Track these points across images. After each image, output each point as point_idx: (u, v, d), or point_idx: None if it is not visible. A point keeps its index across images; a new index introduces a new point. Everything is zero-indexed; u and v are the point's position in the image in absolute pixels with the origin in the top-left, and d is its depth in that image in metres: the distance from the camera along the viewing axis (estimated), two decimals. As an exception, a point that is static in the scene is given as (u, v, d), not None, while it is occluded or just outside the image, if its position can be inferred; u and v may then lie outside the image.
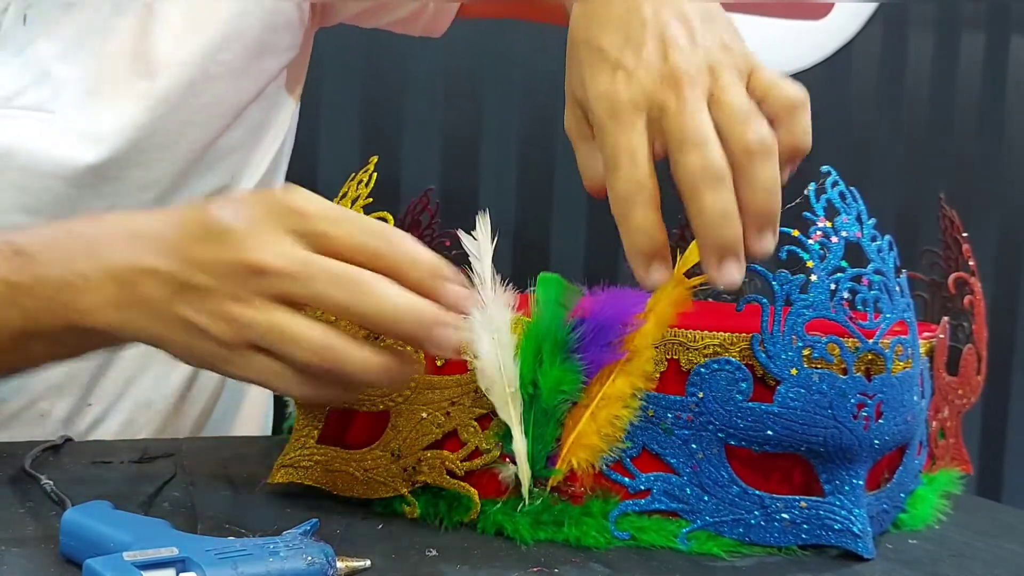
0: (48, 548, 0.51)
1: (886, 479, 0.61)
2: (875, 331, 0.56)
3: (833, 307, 0.55)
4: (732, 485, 0.56)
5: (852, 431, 0.55)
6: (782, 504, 0.56)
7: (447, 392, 0.58)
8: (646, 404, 0.56)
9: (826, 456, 0.56)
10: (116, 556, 0.44)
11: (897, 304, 0.58)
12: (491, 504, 0.57)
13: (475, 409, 0.58)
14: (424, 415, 0.58)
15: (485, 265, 0.57)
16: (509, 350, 0.56)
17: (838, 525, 0.56)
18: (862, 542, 0.56)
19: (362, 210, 0.60)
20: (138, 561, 0.44)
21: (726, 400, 0.55)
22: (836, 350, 0.55)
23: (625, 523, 0.56)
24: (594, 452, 0.56)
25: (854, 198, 0.58)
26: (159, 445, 0.74)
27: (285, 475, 0.62)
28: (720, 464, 0.56)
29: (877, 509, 0.59)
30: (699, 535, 0.56)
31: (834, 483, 0.56)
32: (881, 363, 0.57)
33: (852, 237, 0.57)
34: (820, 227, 0.56)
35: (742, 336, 0.56)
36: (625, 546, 0.56)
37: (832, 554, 0.56)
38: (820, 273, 0.55)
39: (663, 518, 0.57)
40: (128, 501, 0.59)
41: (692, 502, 0.56)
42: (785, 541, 0.56)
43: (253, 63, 0.83)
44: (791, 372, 0.55)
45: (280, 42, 0.85)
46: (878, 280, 0.57)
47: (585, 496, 0.57)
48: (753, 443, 0.56)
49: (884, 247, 0.58)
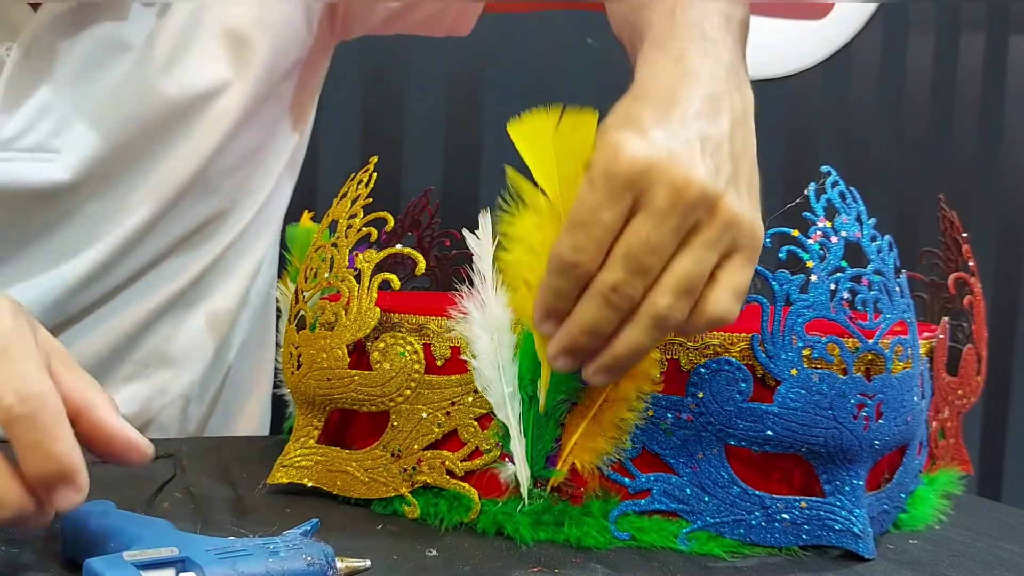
0: (50, 549, 0.51)
1: (886, 479, 0.61)
2: (875, 331, 0.56)
3: (833, 307, 0.55)
4: (732, 485, 0.56)
5: (852, 431, 0.55)
6: (782, 504, 0.56)
7: (447, 392, 0.58)
8: (646, 404, 0.56)
9: (826, 456, 0.56)
10: (116, 556, 0.44)
11: (897, 304, 0.58)
12: (491, 504, 0.57)
13: (475, 409, 0.58)
14: (424, 415, 0.58)
15: (486, 264, 0.57)
16: (508, 350, 0.56)
17: (839, 526, 0.56)
18: (863, 543, 0.56)
19: (362, 210, 0.61)
20: (138, 561, 0.44)
21: (726, 400, 0.55)
22: (836, 350, 0.55)
23: (625, 523, 0.56)
24: (599, 454, 0.56)
25: (854, 198, 0.58)
26: (159, 445, 0.74)
27: (285, 475, 0.62)
28: (720, 464, 0.56)
29: (877, 509, 0.59)
30: (699, 535, 0.56)
31: (834, 483, 0.56)
32: (881, 363, 0.57)
33: (852, 237, 0.57)
34: (820, 227, 0.56)
35: (742, 336, 0.56)
36: (625, 546, 0.56)
37: (833, 555, 0.56)
38: (820, 273, 0.55)
39: (663, 518, 0.57)
40: (129, 501, 0.59)
41: (692, 502, 0.56)
42: (786, 542, 0.56)
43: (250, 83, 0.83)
44: (791, 372, 0.55)
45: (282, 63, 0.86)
46: (878, 280, 0.57)
47: (585, 496, 0.57)
48: (753, 443, 0.56)
49: (884, 247, 0.58)
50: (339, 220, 0.61)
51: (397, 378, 0.58)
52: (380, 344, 0.59)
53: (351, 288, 0.59)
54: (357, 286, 0.59)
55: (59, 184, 0.76)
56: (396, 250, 0.61)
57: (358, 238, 0.60)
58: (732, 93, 0.53)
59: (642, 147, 0.48)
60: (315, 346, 0.60)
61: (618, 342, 0.50)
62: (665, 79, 0.53)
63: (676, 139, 0.49)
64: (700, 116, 0.51)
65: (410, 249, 0.61)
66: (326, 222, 0.64)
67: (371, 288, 0.59)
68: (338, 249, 0.61)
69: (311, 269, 0.63)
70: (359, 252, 0.60)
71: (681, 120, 0.50)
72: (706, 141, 0.50)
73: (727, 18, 0.59)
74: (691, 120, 0.50)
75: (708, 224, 0.49)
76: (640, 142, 0.48)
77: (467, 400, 0.58)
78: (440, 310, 0.59)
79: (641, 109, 0.50)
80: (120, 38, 0.77)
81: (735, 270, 0.50)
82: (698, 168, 0.48)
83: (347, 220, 0.61)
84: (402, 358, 0.58)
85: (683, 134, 0.49)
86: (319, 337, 0.60)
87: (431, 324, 0.59)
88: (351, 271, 0.60)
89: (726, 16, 0.59)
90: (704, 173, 0.48)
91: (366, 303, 0.59)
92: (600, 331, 0.50)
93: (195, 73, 0.80)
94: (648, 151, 0.48)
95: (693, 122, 0.50)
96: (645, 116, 0.50)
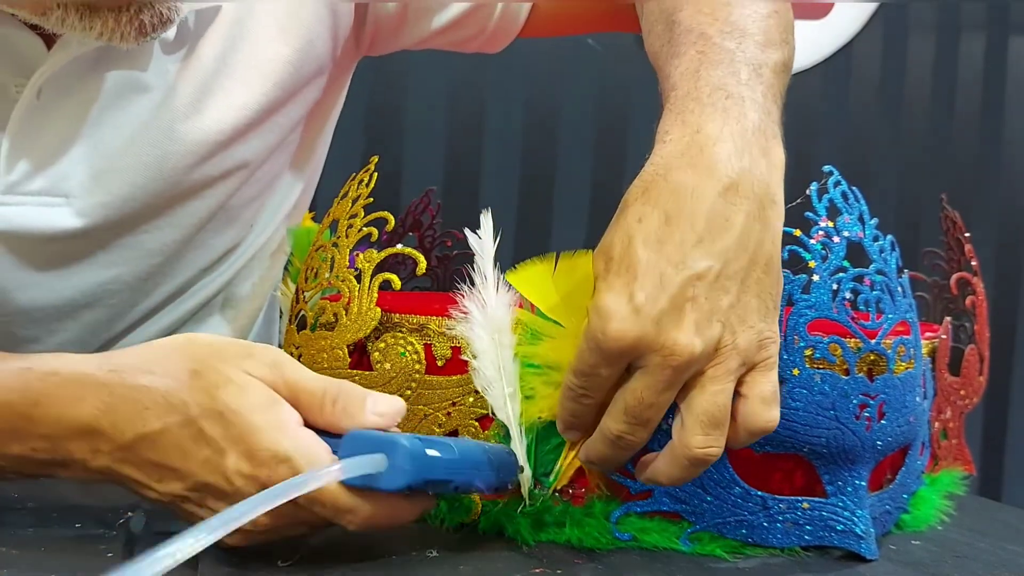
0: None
1: (889, 480, 0.61)
2: (877, 331, 0.56)
3: (835, 307, 0.55)
4: (734, 486, 0.56)
5: (854, 432, 0.55)
6: (784, 505, 0.56)
7: (448, 392, 0.58)
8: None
9: (828, 457, 0.56)
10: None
11: (899, 304, 0.58)
12: (492, 505, 0.57)
13: (476, 409, 0.58)
14: (425, 415, 0.58)
15: (488, 264, 0.57)
16: (509, 350, 0.56)
17: (841, 526, 0.56)
18: (865, 543, 0.55)
19: (363, 210, 0.60)
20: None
21: (728, 401, 0.55)
22: (838, 350, 0.55)
23: (627, 524, 0.56)
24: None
25: (856, 198, 0.58)
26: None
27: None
28: (722, 465, 0.56)
29: (880, 510, 0.59)
30: (701, 536, 0.56)
31: (836, 484, 0.56)
32: (883, 363, 0.56)
33: (854, 237, 0.57)
34: (822, 227, 0.56)
35: (744, 336, 0.56)
36: (627, 547, 0.56)
37: (835, 555, 0.56)
38: (822, 273, 0.55)
39: (665, 519, 0.56)
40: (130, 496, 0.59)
41: (694, 503, 0.56)
42: (788, 542, 0.56)
43: (275, 117, 0.79)
44: (793, 372, 0.55)
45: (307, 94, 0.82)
46: (880, 280, 0.57)
47: (587, 497, 0.57)
48: (755, 444, 0.55)
49: (886, 247, 0.58)
50: (340, 220, 0.61)
51: (398, 378, 0.58)
52: (381, 344, 0.59)
53: (352, 288, 0.59)
54: (358, 286, 0.59)
55: (69, 231, 0.72)
56: (397, 250, 0.61)
57: (359, 238, 0.60)
58: (753, 168, 0.53)
59: (628, 322, 0.49)
60: (316, 346, 0.60)
61: (659, 474, 0.53)
62: (677, 175, 0.52)
63: (664, 295, 0.50)
64: (701, 243, 0.51)
65: (411, 249, 0.61)
66: (327, 222, 0.64)
67: (372, 288, 0.59)
68: (339, 249, 0.60)
69: (312, 269, 0.63)
70: (360, 252, 0.60)
71: (677, 260, 0.50)
72: (700, 281, 0.50)
73: (756, 67, 0.57)
74: (688, 254, 0.50)
75: (713, 363, 0.51)
76: (626, 315, 0.50)
77: (468, 400, 0.58)
78: (441, 310, 0.59)
79: (634, 249, 0.51)
80: (139, 80, 0.72)
81: (758, 381, 0.52)
82: (685, 332, 0.49)
83: (348, 220, 0.61)
84: (403, 358, 0.58)
85: (674, 283, 0.50)
86: (320, 337, 0.60)
87: (432, 324, 0.59)
88: (352, 271, 0.59)
89: (755, 66, 0.57)
90: (692, 335, 0.49)
91: (367, 303, 0.59)
92: (612, 461, 0.54)
93: (220, 117, 0.75)
94: (634, 327, 0.49)
95: (690, 257, 0.50)
96: (637, 266, 0.50)
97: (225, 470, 0.49)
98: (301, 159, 0.87)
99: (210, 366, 0.50)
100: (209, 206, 0.78)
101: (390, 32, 0.86)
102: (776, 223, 0.53)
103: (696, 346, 0.49)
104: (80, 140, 0.72)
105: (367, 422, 0.51)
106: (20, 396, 0.50)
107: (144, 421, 0.49)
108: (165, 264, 0.78)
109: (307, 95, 0.81)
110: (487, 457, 0.53)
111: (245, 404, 0.49)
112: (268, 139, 0.79)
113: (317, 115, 0.87)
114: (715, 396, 0.51)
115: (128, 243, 0.76)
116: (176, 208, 0.76)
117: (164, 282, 0.79)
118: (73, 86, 0.71)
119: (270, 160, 0.81)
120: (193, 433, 0.49)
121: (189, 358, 0.51)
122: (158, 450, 0.49)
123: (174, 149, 0.74)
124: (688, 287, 0.50)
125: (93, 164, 0.72)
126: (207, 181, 0.76)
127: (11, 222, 0.71)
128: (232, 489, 0.49)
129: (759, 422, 0.51)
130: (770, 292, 0.52)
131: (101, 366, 0.51)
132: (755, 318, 0.51)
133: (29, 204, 0.71)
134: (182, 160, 0.74)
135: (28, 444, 0.51)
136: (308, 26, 0.78)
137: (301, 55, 0.78)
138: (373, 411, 0.51)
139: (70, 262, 0.74)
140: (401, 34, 0.86)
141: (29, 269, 0.73)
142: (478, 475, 0.52)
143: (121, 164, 0.72)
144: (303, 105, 0.82)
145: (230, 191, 0.79)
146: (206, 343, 0.52)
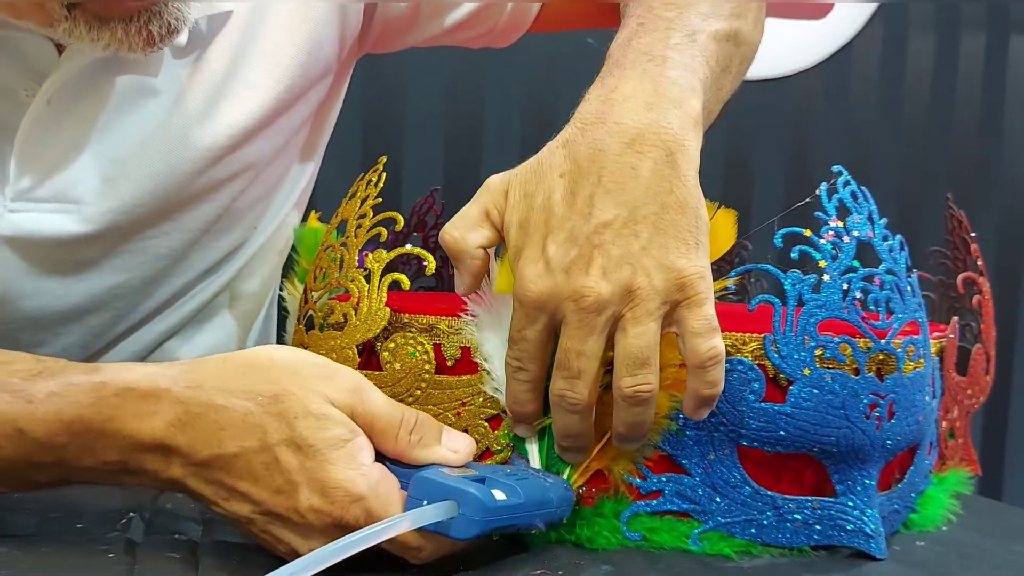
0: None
1: (897, 479, 0.61)
2: (887, 331, 0.56)
3: (845, 307, 0.55)
4: (744, 486, 0.56)
5: (864, 431, 0.55)
6: (794, 505, 0.56)
7: (458, 392, 0.58)
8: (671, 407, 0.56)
9: (838, 456, 0.56)
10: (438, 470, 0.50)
11: (909, 304, 0.58)
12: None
13: (486, 409, 0.57)
14: (435, 415, 0.58)
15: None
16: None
17: (850, 526, 0.56)
18: (875, 542, 0.55)
19: (372, 210, 0.60)
20: (465, 475, 0.50)
21: (738, 400, 0.55)
22: (848, 350, 0.55)
23: (637, 524, 0.56)
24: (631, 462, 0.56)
25: (865, 198, 0.58)
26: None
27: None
28: (732, 465, 0.56)
29: (889, 509, 0.59)
30: (711, 536, 0.56)
31: (846, 483, 0.56)
32: (893, 363, 0.56)
33: (864, 237, 0.57)
34: (832, 227, 0.56)
35: (754, 336, 0.56)
36: (633, 547, 0.56)
37: (841, 555, 0.56)
38: (832, 273, 0.55)
39: (675, 519, 0.56)
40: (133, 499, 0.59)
41: (704, 503, 0.56)
42: (797, 542, 0.56)
43: (283, 119, 0.79)
44: (803, 372, 0.55)
45: (313, 94, 0.82)
46: (890, 280, 0.57)
47: (597, 497, 0.57)
48: (765, 444, 0.55)
49: (896, 247, 0.58)
50: (349, 220, 0.61)
51: (407, 378, 0.58)
52: (390, 344, 0.59)
53: (361, 288, 0.59)
54: (367, 286, 0.59)
55: (78, 237, 0.72)
56: (406, 250, 0.61)
57: (368, 238, 0.60)
58: (661, 120, 0.55)
59: (542, 277, 0.52)
60: (324, 347, 0.60)
61: (617, 425, 0.54)
62: (590, 131, 0.55)
63: (574, 246, 0.52)
64: (608, 193, 0.53)
65: (420, 250, 0.61)
66: (335, 222, 0.63)
67: (381, 288, 0.59)
68: (348, 249, 0.60)
69: (320, 269, 0.62)
70: (368, 252, 0.60)
71: (586, 212, 0.52)
72: (607, 229, 0.52)
73: (691, 33, 0.60)
74: (596, 204, 0.52)
75: (630, 306, 0.52)
76: (540, 270, 0.52)
77: (477, 401, 0.58)
78: (450, 310, 0.59)
79: (550, 206, 0.53)
80: (150, 86, 0.72)
81: (685, 317, 0.52)
82: (592, 277, 0.51)
83: (357, 220, 0.61)
84: (413, 358, 0.58)
85: (582, 234, 0.52)
86: (328, 338, 0.60)
87: (441, 324, 0.59)
88: (361, 271, 0.59)
89: (690, 32, 0.60)
90: (599, 279, 0.51)
91: (376, 303, 0.58)
92: (575, 432, 0.55)
93: (231, 122, 0.75)
94: (546, 279, 0.52)
95: (597, 207, 0.52)
96: (551, 221, 0.53)
97: (297, 503, 0.48)
98: (303, 157, 0.87)
99: (289, 391, 0.50)
100: (216, 209, 0.78)
101: (399, 31, 0.86)
102: (686, 167, 0.54)
103: (602, 288, 0.51)
104: (90, 146, 0.71)
105: (441, 457, 0.52)
106: (94, 411, 0.50)
107: (220, 442, 0.49)
108: (170, 267, 0.78)
109: (313, 96, 0.81)
110: (549, 496, 0.52)
111: (322, 439, 0.49)
112: (275, 141, 0.79)
113: (320, 114, 0.87)
114: (636, 338, 0.51)
115: (136, 248, 0.75)
116: (184, 212, 0.76)
117: (168, 284, 0.79)
118: (83, 92, 0.70)
119: (275, 161, 0.81)
120: (268, 460, 0.49)
121: (269, 379, 0.50)
122: (231, 472, 0.49)
123: (186, 155, 0.73)
124: (595, 235, 0.52)
125: (103, 170, 0.71)
126: (215, 184, 0.76)
127: (21, 228, 0.70)
128: (301, 521, 0.49)
129: (699, 355, 0.52)
130: (689, 231, 0.53)
131: (178, 381, 0.50)
132: (673, 257, 0.52)
133: (39, 211, 0.70)
134: (193, 165, 0.74)
135: (101, 458, 0.50)
136: (317, 28, 0.78)
137: (309, 57, 0.78)
138: (448, 447, 0.53)
139: (79, 268, 0.74)
140: (410, 33, 0.86)
141: (38, 275, 0.73)
142: (540, 515, 0.52)
143: (131, 170, 0.72)
144: (309, 106, 0.81)
145: (236, 193, 0.78)
146: (286, 362, 0.52)
